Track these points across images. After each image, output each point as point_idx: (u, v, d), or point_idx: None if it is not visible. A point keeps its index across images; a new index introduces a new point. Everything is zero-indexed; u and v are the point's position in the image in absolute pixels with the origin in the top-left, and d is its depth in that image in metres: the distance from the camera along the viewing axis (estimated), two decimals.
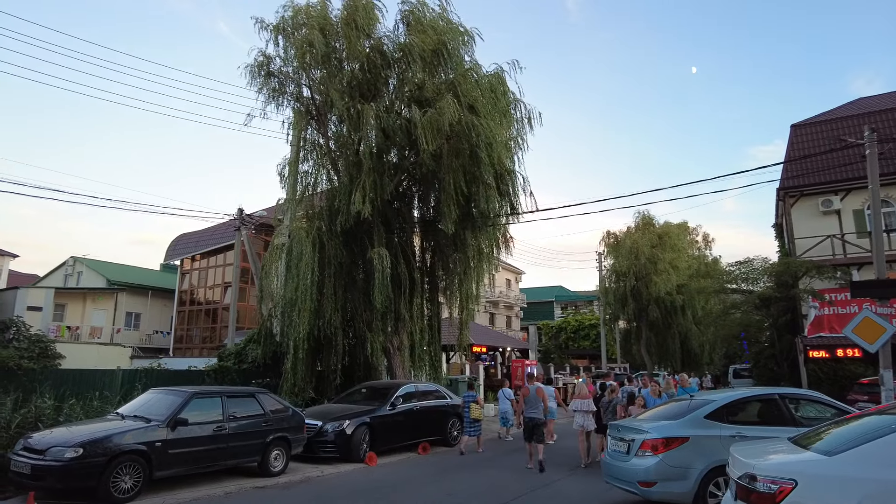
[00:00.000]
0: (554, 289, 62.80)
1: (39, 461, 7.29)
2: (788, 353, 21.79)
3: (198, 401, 8.91)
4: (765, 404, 7.40)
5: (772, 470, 3.78)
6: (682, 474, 6.58)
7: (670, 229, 40.78)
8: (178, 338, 35.07)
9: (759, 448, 4.65)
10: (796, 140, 24.18)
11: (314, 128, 17.49)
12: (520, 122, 17.37)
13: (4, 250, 38.85)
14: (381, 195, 15.60)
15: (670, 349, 38.92)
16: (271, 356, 16.79)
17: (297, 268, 15.20)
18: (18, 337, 26.80)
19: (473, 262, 17.42)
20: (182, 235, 37.17)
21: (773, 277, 22.07)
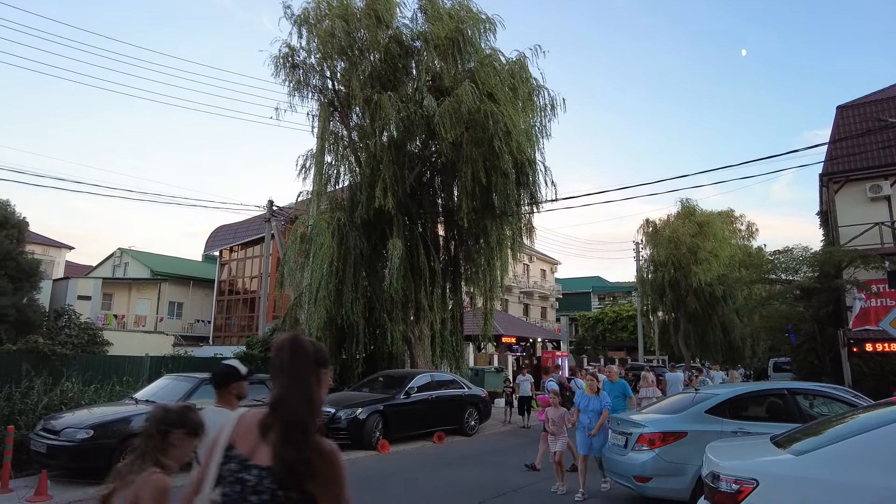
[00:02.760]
0: (591, 279, 61.78)
1: (54, 441, 7.67)
2: (831, 346, 20.78)
3: (207, 387, 9.14)
4: (773, 400, 7.05)
5: (735, 469, 3.59)
6: (678, 470, 6.35)
7: (712, 218, 39.44)
8: (217, 326, 36.23)
9: (732, 447, 4.44)
10: (842, 122, 22.87)
11: (337, 119, 17.65)
12: (542, 110, 17.09)
13: (61, 242, 40.74)
14: (401, 187, 15.65)
15: (711, 341, 37.77)
16: None
17: (319, 257, 15.43)
18: (70, 324, 28.26)
19: (496, 251, 17.29)
20: (221, 227, 38.27)
21: (814, 267, 21.04)
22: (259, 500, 1.69)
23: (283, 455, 1.67)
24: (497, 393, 22.77)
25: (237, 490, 1.73)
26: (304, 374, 1.79)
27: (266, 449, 1.73)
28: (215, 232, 38.27)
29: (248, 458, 1.76)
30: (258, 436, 1.76)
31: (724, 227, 40.25)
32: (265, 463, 1.72)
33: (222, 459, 1.81)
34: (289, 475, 1.67)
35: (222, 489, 1.78)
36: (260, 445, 1.75)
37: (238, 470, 1.76)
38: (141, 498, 2.07)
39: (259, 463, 1.73)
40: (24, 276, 23.08)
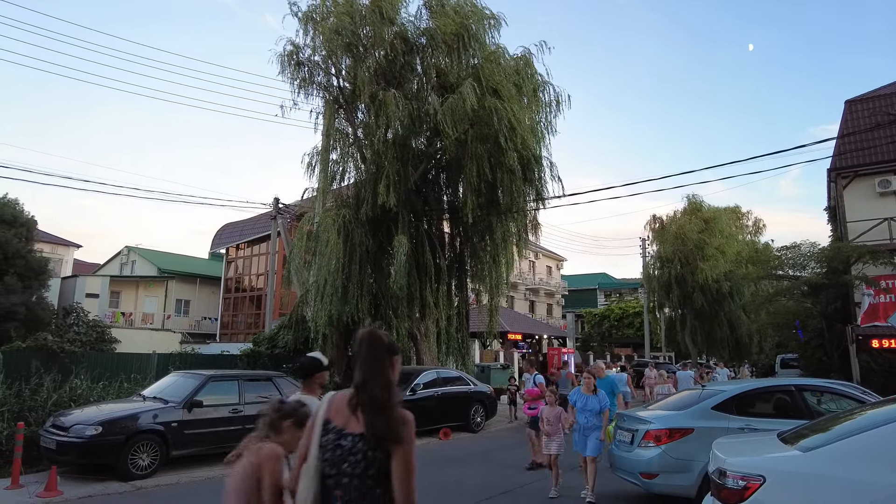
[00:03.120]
0: (597, 276, 61.64)
1: (64, 437, 7.75)
2: (839, 343, 20.66)
3: (214, 384, 9.23)
4: (780, 396, 7.01)
5: (741, 465, 3.57)
6: (685, 466, 6.33)
7: (719, 214, 39.31)
8: (224, 324, 36.38)
9: (738, 443, 4.42)
10: (851, 117, 22.67)
11: (342, 117, 17.65)
12: (548, 106, 17.03)
13: (69, 241, 40.94)
14: (405, 184, 15.64)
15: (717, 338, 37.66)
16: (302, 341, 17.20)
17: (324, 254, 15.46)
18: (78, 322, 28.49)
19: (501, 248, 17.28)
20: (227, 225, 38.39)
21: (822, 263, 20.92)
22: (354, 460, 2.17)
23: (373, 424, 2.15)
24: (503, 390, 22.80)
25: (337, 454, 2.21)
26: (380, 361, 2.26)
27: (356, 420, 2.20)
28: (221, 230, 38.40)
29: (343, 428, 2.23)
30: (348, 411, 2.22)
31: (730, 223, 40.11)
32: (358, 431, 2.19)
33: (322, 432, 2.27)
34: (378, 439, 2.15)
35: (324, 455, 2.24)
36: (351, 418, 2.22)
37: (336, 438, 2.23)
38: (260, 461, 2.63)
39: (353, 431, 2.21)
40: (32, 275, 23.25)
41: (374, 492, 2.15)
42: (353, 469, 2.16)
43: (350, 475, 2.16)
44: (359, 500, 2.14)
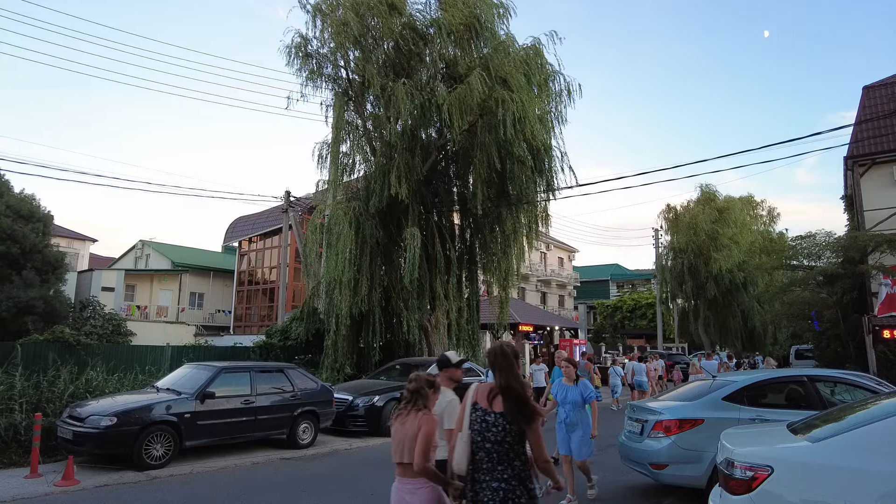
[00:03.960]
0: (609, 267, 61.31)
1: (80, 428, 7.89)
2: (855, 333, 20.39)
3: (226, 375, 9.32)
4: (792, 387, 6.93)
5: (749, 456, 3.54)
6: (695, 457, 6.30)
7: (732, 203, 38.89)
8: (237, 316, 36.74)
9: (747, 434, 4.38)
10: (868, 103, 22.24)
11: (352, 109, 17.66)
12: (558, 96, 16.91)
13: (85, 235, 41.43)
14: (416, 175, 15.63)
15: (731, 328, 37.42)
16: (314, 333, 17.34)
17: (335, 247, 15.53)
18: (94, 315, 28.94)
19: (511, 240, 17.24)
20: (239, 218, 38.68)
21: (838, 252, 20.63)
22: (496, 430, 3.08)
23: (515, 411, 3.06)
24: None
25: (483, 426, 3.13)
26: (513, 366, 3.21)
27: (497, 403, 3.13)
28: (234, 223, 38.71)
29: (487, 409, 3.15)
30: (490, 397, 3.16)
31: (744, 212, 39.70)
32: (498, 410, 3.11)
33: (471, 411, 3.22)
34: (514, 418, 3.06)
35: (472, 426, 3.17)
36: (493, 402, 3.15)
37: (483, 416, 3.15)
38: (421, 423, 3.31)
39: (495, 410, 3.12)
40: (50, 269, 23.58)
41: (508, 452, 3.07)
42: (495, 437, 3.08)
43: (492, 441, 3.08)
44: (498, 457, 3.07)
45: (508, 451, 3.06)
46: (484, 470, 3.07)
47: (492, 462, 3.06)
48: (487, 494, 3.02)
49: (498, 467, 3.04)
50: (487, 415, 3.12)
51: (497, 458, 3.05)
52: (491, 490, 3.02)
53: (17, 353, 11.19)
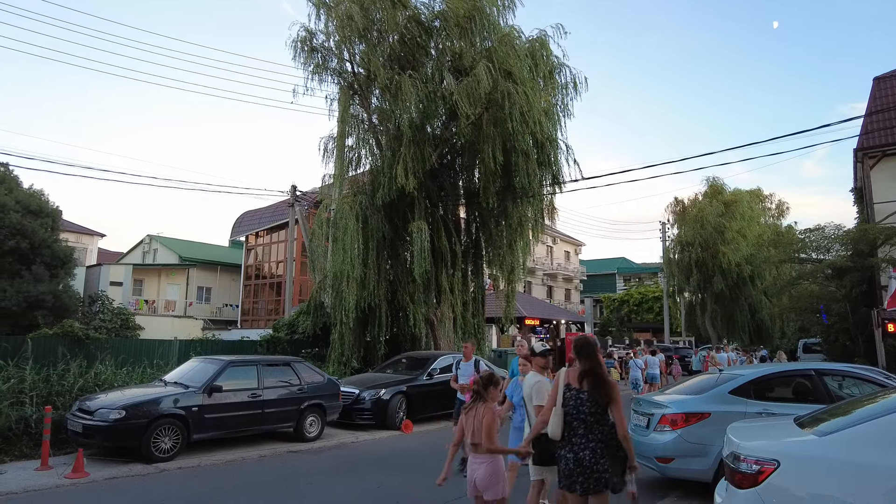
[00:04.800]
0: (616, 261, 61.14)
1: (89, 421, 7.96)
2: (864, 327, 20.25)
3: (233, 369, 9.38)
4: (800, 381, 6.90)
5: (755, 449, 3.52)
6: (701, 451, 6.29)
7: (740, 197, 38.71)
8: (245, 310, 36.91)
9: (753, 428, 4.36)
10: (879, 94, 21.99)
11: (357, 103, 17.63)
12: (564, 88, 16.86)
13: (93, 230, 41.74)
14: (422, 168, 15.62)
15: (738, 322, 37.30)
16: (321, 327, 17.39)
17: (342, 241, 15.56)
18: (103, 310, 29.18)
19: (517, 233, 17.22)
20: (246, 213, 38.79)
21: (847, 245, 20.47)
22: (587, 407, 3.94)
23: (598, 391, 3.93)
24: None
25: (574, 403, 4.00)
26: (595, 354, 4.08)
27: (585, 384, 3.99)
28: (241, 217, 38.84)
29: (577, 388, 4.02)
30: (578, 379, 4.03)
31: (752, 205, 39.49)
32: (585, 390, 3.97)
33: (564, 390, 4.09)
34: (599, 396, 3.92)
35: (566, 403, 4.04)
36: (582, 383, 4.01)
37: (575, 395, 4.02)
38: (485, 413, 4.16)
39: (583, 390, 3.98)
40: (59, 264, 23.76)
41: (597, 422, 3.93)
42: (588, 410, 3.94)
43: (585, 413, 3.95)
44: (588, 425, 3.92)
45: (598, 421, 3.94)
46: (579, 435, 3.95)
47: (585, 429, 3.94)
48: (587, 453, 3.89)
49: (589, 434, 3.91)
50: (581, 393, 4.00)
51: (588, 426, 3.93)
52: (589, 449, 3.89)
53: (27, 347, 11.28)
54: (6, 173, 23.75)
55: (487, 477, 4.16)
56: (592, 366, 4.03)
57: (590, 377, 3.99)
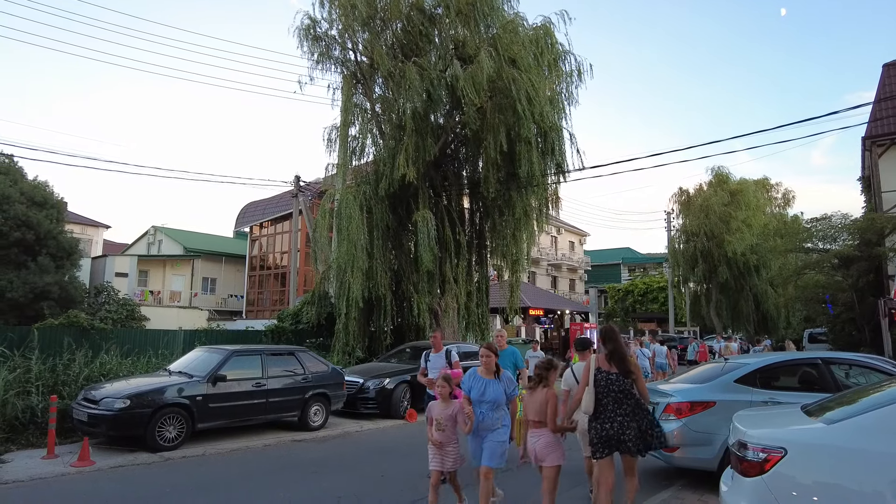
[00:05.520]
0: (621, 251, 60.95)
1: (94, 410, 8.00)
2: (870, 316, 20.13)
3: (238, 359, 9.39)
4: (806, 369, 6.84)
5: (762, 437, 3.48)
6: (706, 440, 6.25)
7: (746, 186, 38.42)
8: (250, 301, 37.04)
9: (760, 416, 4.33)
10: (889, 81, 21.70)
11: (360, 92, 17.55)
12: (569, 76, 16.71)
13: (99, 222, 41.88)
14: (424, 157, 15.54)
15: (743, 312, 37.16)
16: (326, 317, 17.41)
17: (345, 231, 15.53)
18: (109, 301, 29.28)
19: (521, 223, 17.15)
20: (250, 203, 38.81)
21: (854, 235, 20.31)
22: (616, 386, 4.73)
23: (622, 368, 4.78)
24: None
25: (605, 383, 4.75)
26: (618, 338, 4.94)
27: (613, 367, 4.80)
28: (245, 208, 38.88)
29: (606, 370, 4.79)
30: (607, 362, 4.81)
31: (757, 195, 39.20)
32: (614, 371, 4.77)
33: (596, 372, 4.81)
34: (625, 375, 4.74)
35: (598, 383, 4.77)
36: (610, 365, 4.80)
37: (605, 376, 4.77)
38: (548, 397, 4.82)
39: (611, 371, 4.78)
40: (64, 255, 23.83)
41: (626, 396, 4.74)
42: (616, 389, 4.75)
43: (615, 391, 4.75)
44: (616, 402, 4.73)
45: (625, 397, 4.75)
46: (609, 409, 4.75)
47: (614, 404, 4.74)
48: (614, 424, 4.69)
49: (617, 409, 4.73)
50: (610, 374, 4.79)
51: (617, 402, 4.75)
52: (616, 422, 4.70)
53: (33, 338, 11.33)
54: (11, 165, 23.79)
55: (545, 447, 4.79)
56: (616, 347, 4.87)
57: (615, 357, 4.81)
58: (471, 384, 5.34)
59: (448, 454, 5.24)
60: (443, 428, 5.20)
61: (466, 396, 5.31)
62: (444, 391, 5.33)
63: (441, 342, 8.32)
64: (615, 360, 4.80)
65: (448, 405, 5.31)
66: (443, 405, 5.32)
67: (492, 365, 5.33)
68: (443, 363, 7.68)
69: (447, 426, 5.21)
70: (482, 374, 5.33)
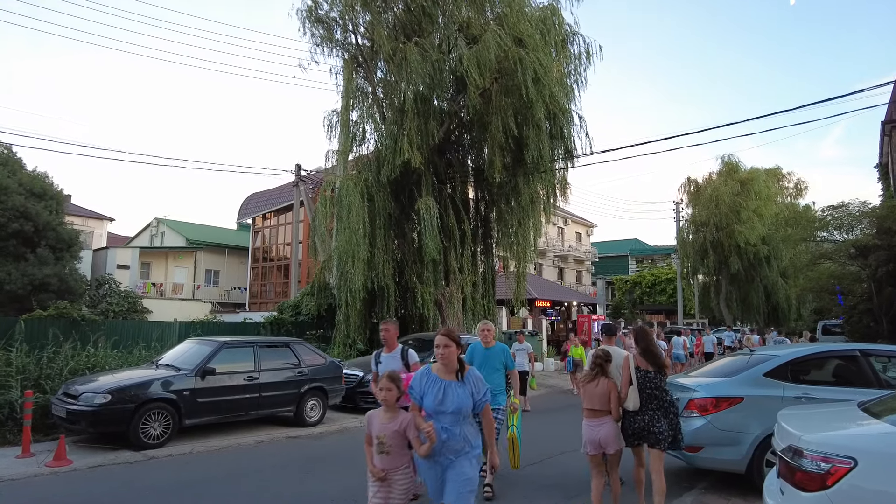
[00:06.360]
0: (629, 242, 60.20)
1: (74, 406, 7.51)
2: (889, 307, 19.46)
3: (228, 351, 8.89)
4: (842, 362, 6.26)
5: (823, 443, 2.90)
6: (733, 439, 5.70)
7: (757, 175, 37.60)
8: (253, 293, 36.63)
9: (813, 415, 3.75)
10: None
11: (362, 75, 16.97)
12: (577, 58, 16.05)
13: (103, 214, 41.53)
14: (428, 142, 14.98)
15: (753, 303, 36.45)
16: (326, 308, 16.94)
17: (346, 220, 14.99)
18: (110, 293, 28.94)
19: (528, 211, 16.56)
20: (253, 195, 38.34)
21: (872, 223, 19.60)
22: (652, 383, 4.98)
23: (651, 362, 5.04)
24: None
25: (643, 379, 5.00)
26: (650, 337, 5.28)
27: (646, 364, 5.06)
28: (247, 199, 38.42)
29: (644, 369, 5.04)
30: (643, 359, 5.07)
31: (769, 184, 38.42)
32: (648, 368, 5.04)
33: (636, 370, 5.03)
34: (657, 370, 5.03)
35: (639, 380, 5.00)
36: (644, 363, 5.07)
37: (644, 374, 5.01)
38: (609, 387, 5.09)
39: (646, 368, 5.04)
40: (64, 247, 23.50)
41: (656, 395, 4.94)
42: (652, 386, 4.96)
43: (651, 388, 4.96)
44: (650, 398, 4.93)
45: (660, 393, 4.98)
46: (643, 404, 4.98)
47: (646, 398, 4.96)
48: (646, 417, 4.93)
49: (650, 403, 4.95)
50: (648, 373, 5.03)
51: (651, 397, 4.97)
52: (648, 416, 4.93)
53: (20, 329, 10.88)
54: (9, 155, 23.43)
55: (608, 435, 5.02)
56: (648, 345, 5.15)
57: (647, 354, 5.08)
58: (423, 388, 3.68)
59: (396, 489, 3.67)
60: (387, 450, 3.64)
61: (417, 406, 3.70)
62: (389, 396, 3.73)
63: (395, 338, 6.05)
64: (649, 356, 5.06)
65: (394, 416, 3.73)
66: (386, 416, 3.74)
67: (452, 360, 3.71)
68: (397, 366, 5.61)
69: (393, 447, 3.65)
70: (439, 373, 3.70)
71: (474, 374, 3.76)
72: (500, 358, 6.25)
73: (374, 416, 3.81)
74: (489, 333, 6.36)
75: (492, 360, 6.14)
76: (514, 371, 6.46)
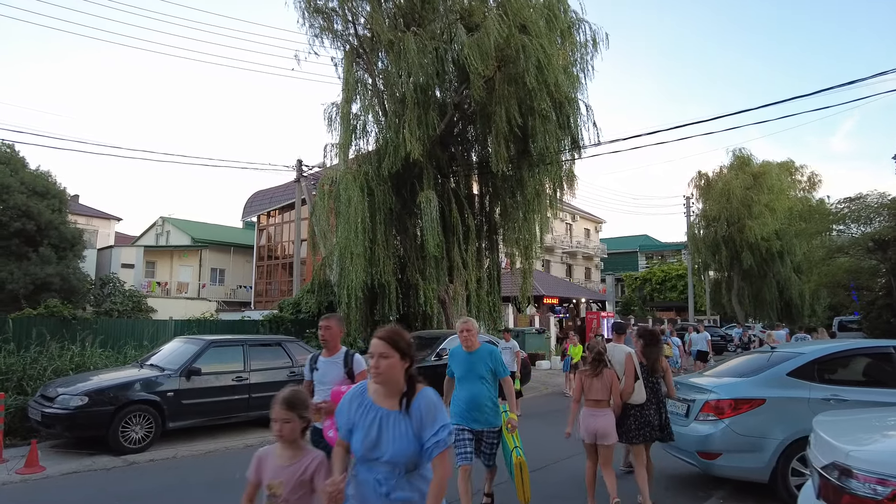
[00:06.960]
0: (638, 238, 59.42)
1: (49, 409, 7.13)
2: None
3: (216, 350, 8.48)
4: (874, 360, 5.72)
5: (878, 461, 2.39)
6: (755, 445, 5.18)
7: (769, 169, 36.80)
8: (258, 292, 36.36)
9: (859, 423, 3.24)
10: None
11: (362, 67, 16.52)
12: (583, 46, 15.50)
13: (110, 214, 41.36)
14: (429, 133, 14.50)
15: (766, 300, 35.72)
16: (327, 306, 16.50)
17: (346, 214, 14.56)
18: (114, 292, 28.75)
19: (534, 205, 16.04)
20: (257, 192, 38.08)
21: (892, 215, 18.93)
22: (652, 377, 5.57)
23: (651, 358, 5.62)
24: (539, 355, 21.73)
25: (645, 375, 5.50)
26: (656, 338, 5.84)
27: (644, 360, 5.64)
28: (252, 197, 38.16)
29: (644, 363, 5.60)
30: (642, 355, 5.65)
31: (781, 178, 37.58)
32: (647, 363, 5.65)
33: (639, 366, 5.51)
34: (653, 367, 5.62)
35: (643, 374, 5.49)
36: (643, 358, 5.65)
37: (643, 369, 5.52)
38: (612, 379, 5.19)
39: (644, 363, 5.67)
40: (67, 246, 23.31)
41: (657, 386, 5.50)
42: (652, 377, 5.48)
43: (653, 382, 5.46)
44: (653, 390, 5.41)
45: (658, 388, 5.48)
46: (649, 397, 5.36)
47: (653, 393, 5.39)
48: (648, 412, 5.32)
49: (652, 396, 5.37)
50: (643, 367, 5.45)
51: (653, 391, 5.41)
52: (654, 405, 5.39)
53: (8, 328, 10.53)
54: (12, 154, 23.27)
55: (607, 425, 5.04)
56: (650, 341, 5.65)
57: (646, 354, 5.53)
58: (353, 418, 2.44)
59: None
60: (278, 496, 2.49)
61: (343, 442, 2.50)
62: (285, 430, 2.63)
63: (338, 339, 4.54)
64: (647, 357, 5.55)
65: (296, 456, 2.60)
66: (284, 455, 2.62)
67: (391, 378, 2.38)
68: (338, 375, 4.36)
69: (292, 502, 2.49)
70: (376, 396, 2.44)
71: (427, 401, 2.38)
72: (487, 363, 4.84)
73: (268, 454, 2.64)
74: (471, 335, 4.92)
75: (476, 367, 4.80)
76: (507, 378, 5.00)
